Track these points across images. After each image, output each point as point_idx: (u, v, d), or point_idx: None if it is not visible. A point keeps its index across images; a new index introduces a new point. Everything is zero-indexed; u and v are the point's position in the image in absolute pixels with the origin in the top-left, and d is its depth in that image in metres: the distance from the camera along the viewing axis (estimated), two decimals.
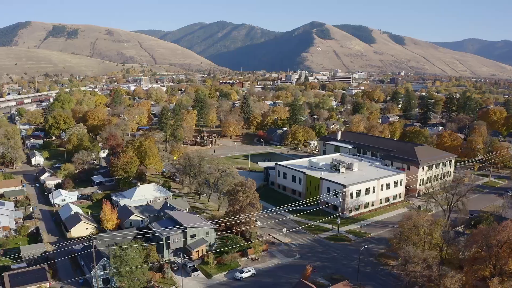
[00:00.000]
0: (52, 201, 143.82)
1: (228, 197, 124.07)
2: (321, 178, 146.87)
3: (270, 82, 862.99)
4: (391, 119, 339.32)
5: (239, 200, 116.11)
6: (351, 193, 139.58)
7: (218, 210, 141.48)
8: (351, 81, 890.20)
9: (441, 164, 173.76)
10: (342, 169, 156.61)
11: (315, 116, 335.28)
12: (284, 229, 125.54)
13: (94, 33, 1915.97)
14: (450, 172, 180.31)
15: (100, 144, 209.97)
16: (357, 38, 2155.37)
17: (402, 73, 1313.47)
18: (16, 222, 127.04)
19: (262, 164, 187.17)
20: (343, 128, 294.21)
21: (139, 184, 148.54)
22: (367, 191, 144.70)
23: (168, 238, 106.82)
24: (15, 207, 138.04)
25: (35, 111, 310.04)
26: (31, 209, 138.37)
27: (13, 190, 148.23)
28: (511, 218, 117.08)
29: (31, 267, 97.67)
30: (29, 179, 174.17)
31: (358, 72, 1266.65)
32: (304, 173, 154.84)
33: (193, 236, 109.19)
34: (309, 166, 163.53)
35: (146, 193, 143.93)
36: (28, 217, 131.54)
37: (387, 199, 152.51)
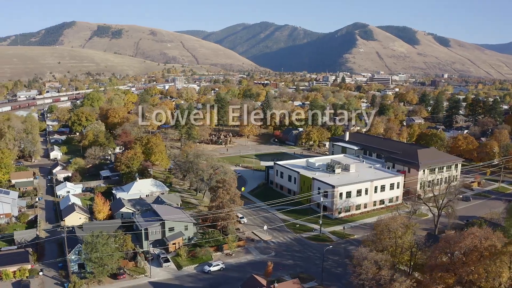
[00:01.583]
0: (57, 192, 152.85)
1: (210, 193, 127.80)
2: (313, 178, 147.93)
3: (306, 83, 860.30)
4: (416, 121, 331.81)
5: (219, 197, 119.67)
6: (341, 194, 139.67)
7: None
8: (390, 83, 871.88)
9: (445, 167, 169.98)
10: (338, 170, 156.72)
11: (337, 117, 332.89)
12: (265, 227, 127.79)
13: (138, 33, 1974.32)
14: (456, 176, 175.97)
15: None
16: (401, 39, 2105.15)
17: (445, 76, 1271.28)
18: (20, 210, 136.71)
19: (264, 164, 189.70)
20: (364, 130, 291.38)
21: (137, 179, 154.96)
22: (359, 192, 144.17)
23: (146, 230, 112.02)
24: (23, 196, 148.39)
25: (64, 108, 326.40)
26: (36, 199, 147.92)
27: (24, 181, 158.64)
28: None
29: (17, 249, 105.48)
30: (43, 172, 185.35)
31: (400, 74, 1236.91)
32: (298, 172, 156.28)
33: (171, 229, 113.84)
34: (306, 166, 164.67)
35: (143, 188, 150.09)
36: (31, 206, 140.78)
37: (382, 202, 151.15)
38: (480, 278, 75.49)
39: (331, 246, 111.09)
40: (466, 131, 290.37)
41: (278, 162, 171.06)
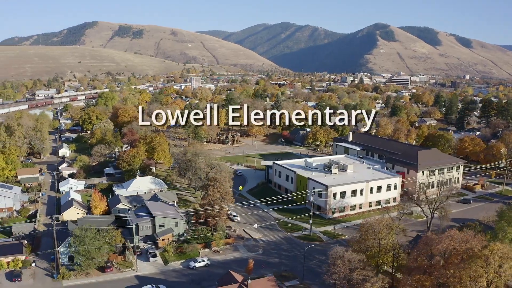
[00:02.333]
0: (60, 188, 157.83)
1: (202, 191, 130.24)
2: (308, 178, 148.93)
3: (323, 84, 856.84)
4: (427, 122, 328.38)
5: (210, 195, 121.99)
6: (334, 194, 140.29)
7: None
8: (409, 84, 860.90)
9: (445, 169, 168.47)
10: (335, 170, 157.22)
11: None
12: (255, 225, 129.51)
13: (159, 33, 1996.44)
14: (458, 178, 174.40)
15: None
16: (422, 40, 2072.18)
17: (467, 77, 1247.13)
18: (22, 205, 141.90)
19: (264, 163, 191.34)
20: (374, 131, 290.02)
21: (137, 176, 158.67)
22: (354, 193, 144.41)
23: (137, 225, 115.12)
24: (27, 192, 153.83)
25: (77, 107, 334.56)
26: (40, 194, 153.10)
27: (29, 177, 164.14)
28: None
29: (12, 241, 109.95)
30: (50, 169, 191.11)
31: (420, 75, 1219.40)
32: (294, 172, 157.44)
33: (161, 225, 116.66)
34: (304, 166, 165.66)
35: (142, 185, 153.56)
36: (34, 201, 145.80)
37: (378, 203, 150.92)
38: (455, 282, 74.92)
39: (312, 245, 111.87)
40: (478, 132, 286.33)
41: (276, 162, 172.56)
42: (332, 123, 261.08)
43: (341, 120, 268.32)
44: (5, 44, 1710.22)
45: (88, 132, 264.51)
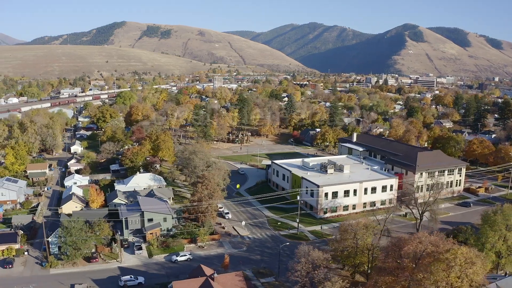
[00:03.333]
0: (64, 183, 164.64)
1: (192, 188, 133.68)
2: (302, 177, 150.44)
3: (347, 85, 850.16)
4: (443, 124, 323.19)
5: (198, 191, 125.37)
6: (326, 194, 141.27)
7: None
8: (434, 85, 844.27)
9: (446, 171, 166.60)
10: (330, 170, 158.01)
11: (361, 119, 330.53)
12: (243, 222, 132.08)
13: (186, 34, 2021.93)
14: (460, 181, 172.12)
15: None
16: (452, 41, 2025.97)
17: (496, 79, 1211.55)
18: (27, 198, 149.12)
19: (265, 162, 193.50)
20: (387, 132, 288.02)
21: (138, 173, 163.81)
22: (347, 193, 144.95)
23: (126, 219, 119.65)
24: (33, 186, 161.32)
25: (96, 105, 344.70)
26: (45, 189, 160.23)
27: (37, 172, 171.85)
28: None
29: (9, 231, 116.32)
30: (61, 164, 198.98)
31: (447, 76, 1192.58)
32: (290, 171, 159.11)
33: (150, 220, 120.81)
34: (301, 166, 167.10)
35: (141, 181, 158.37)
36: (38, 194, 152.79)
37: (373, 204, 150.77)
38: (416, 285, 74.90)
39: (288, 243, 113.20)
40: (493, 135, 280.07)
41: (275, 161, 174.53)
42: (345, 123, 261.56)
43: (358, 122, 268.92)
44: (35, 43, 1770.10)
45: (102, 129, 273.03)
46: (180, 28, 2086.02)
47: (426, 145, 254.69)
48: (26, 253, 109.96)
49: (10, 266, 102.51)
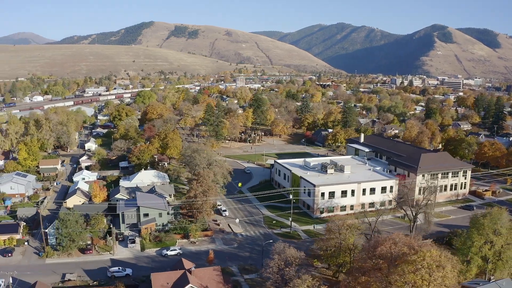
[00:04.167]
0: (73, 178, 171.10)
1: (188, 185, 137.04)
2: (300, 177, 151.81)
3: (371, 86, 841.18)
4: (461, 126, 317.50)
5: (193, 188, 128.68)
6: (323, 194, 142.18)
7: None
8: (461, 87, 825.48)
9: (450, 174, 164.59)
10: (330, 170, 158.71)
11: (377, 120, 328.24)
12: (237, 220, 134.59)
13: (214, 34, 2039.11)
14: (465, 184, 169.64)
15: None
16: (481, 42, 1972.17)
17: None
18: (36, 192, 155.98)
19: (270, 162, 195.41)
20: (403, 133, 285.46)
21: (143, 170, 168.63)
22: (344, 193, 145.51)
23: (123, 214, 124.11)
24: (43, 181, 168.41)
25: (115, 104, 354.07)
26: (55, 183, 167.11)
27: (49, 167, 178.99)
28: None
29: (13, 222, 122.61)
30: (74, 161, 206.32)
31: (476, 78, 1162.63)
32: (290, 171, 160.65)
33: (146, 215, 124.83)
34: (302, 166, 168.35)
35: (145, 178, 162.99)
36: (46, 189, 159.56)
37: (372, 204, 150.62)
38: (390, 285, 75.31)
39: (271, 241, 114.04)
40: (511, 138, 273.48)
41: (277, 161, 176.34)
42: (361, 124, 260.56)
43: (374, 122, 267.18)
44: (64, 43, 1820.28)
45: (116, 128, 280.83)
46: (208, 28, 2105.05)
47: (439, 147, 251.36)
48: (26, 243, 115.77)
49: (10, 255, 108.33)
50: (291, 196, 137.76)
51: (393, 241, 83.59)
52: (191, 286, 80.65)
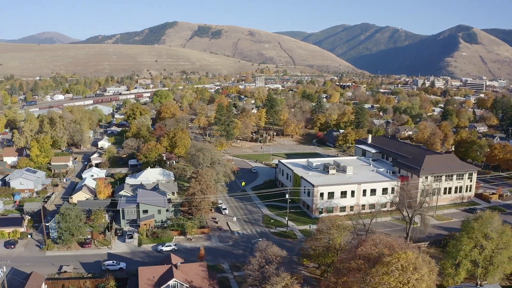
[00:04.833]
0: (82, 175, 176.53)
1: (188, 184, 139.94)
2: (301, 177, 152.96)
3: (392, 87, 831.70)
4: (478, 128, 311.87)
5: (191, 187, 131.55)
6: (322, 194, 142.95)
7: None
8: (483, 88, 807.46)
9: (454, 176, 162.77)
10: (332, 171, 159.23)
11: (391, 121, 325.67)
12: (234, 218, 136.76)
13: (237, 34, 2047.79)
14: (470, 186, 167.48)
15: None
16: (507, 43, 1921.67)
17: None
18: (45, 188, 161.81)
19: (275, 162, 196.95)
20: (415, 135, 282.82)
21: (148, 167, 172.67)
22: (344, 194, 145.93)
23: (123, 210, 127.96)
24: (53, 177, 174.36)
25: (131, 103, 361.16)
26: (64, 180, 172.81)
27: (59, 164, 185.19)
28: None
29: (18, 216, 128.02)
30: (85, 158, 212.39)
31: (500, 79, 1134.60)
32: (292, 171, 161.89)
33: (145, 211, 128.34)
34: (305, 166, 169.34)
35: (150, 176, 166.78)
36: (55, 185, 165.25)
37: (373, 206, 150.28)
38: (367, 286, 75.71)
39: (260, 239, 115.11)
40: None
41: (281, 160, 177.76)
42: (375, 125, 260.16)
43: (388, 123, 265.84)
44: (89, 42, 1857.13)
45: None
46: (231, 29, 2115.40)
47: (451, 149, 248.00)
48: (29, 236, 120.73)
49: (13, 247, 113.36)
50: (287, 196, 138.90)
51: (373, 242, 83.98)
52: (175, 280, 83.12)
